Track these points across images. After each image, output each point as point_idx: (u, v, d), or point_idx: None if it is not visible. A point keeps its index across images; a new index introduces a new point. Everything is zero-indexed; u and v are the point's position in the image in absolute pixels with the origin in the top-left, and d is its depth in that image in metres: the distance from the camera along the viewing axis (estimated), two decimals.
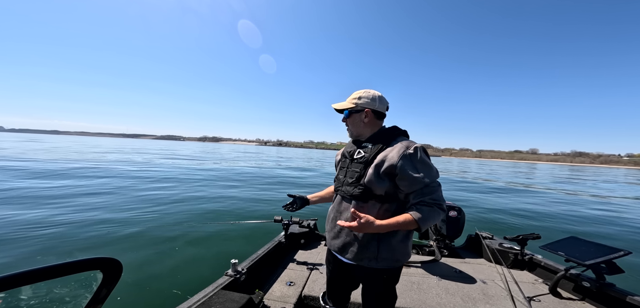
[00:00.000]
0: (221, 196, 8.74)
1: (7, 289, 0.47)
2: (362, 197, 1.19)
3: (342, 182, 1.31)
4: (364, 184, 1.18)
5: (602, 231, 6.59)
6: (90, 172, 12.20)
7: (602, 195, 11.07)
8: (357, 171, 1.23)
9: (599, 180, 23.19)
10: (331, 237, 1.33)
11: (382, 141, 1.22)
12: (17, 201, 6.50)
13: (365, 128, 1.30)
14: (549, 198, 10.32)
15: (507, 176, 20.48)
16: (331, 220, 1.35)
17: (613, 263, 1.94)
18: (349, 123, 1.34)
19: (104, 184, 9.46)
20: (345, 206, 1.27)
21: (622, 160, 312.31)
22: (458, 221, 3.12)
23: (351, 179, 1.24)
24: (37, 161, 14.85)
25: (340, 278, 1.41)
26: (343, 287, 1.44)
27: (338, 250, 1.28)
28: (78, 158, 18.74)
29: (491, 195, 10.70)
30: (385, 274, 1.23)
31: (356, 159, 1.26)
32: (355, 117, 1.30)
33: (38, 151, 23.50)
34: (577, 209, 9.22)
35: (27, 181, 9.00)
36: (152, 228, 5.20)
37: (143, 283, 3.20)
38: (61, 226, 4.94)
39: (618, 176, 42.56)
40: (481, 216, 7.41)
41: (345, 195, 1.27)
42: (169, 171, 14.36)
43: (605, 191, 12.06)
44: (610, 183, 17.85)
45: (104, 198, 7.50)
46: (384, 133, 1.27)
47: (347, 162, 1.32)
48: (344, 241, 1.25)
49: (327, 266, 1.47)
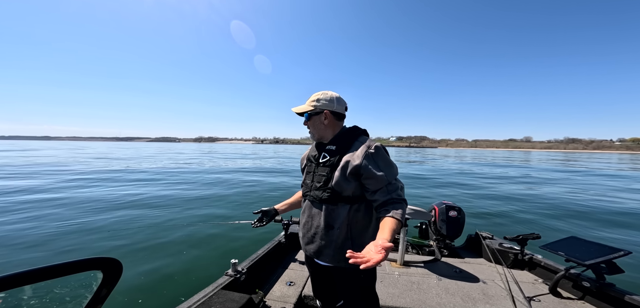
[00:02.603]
0: (221, 197, 8.74)
1: (7, 289, 0.47)
2: (331, 200, 1.20)
3: (309, 187, 1.31)
4: (332, 187, 1.19)
5: (602, 233, 6.60)
6: (92, 176, 12.20)
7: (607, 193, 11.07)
8: (324, 174, 1.23)
9: (594, 169, 23.00)
10: (305, 242, 1.33)
11: (344, 142, 1.24)
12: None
13: (325, 129, 1.30)
14: (549, 198, 10.33)
15: (505, 169, 20.48)
16: (303, 225, 1.34)
17: (613, 263, 1.94)
18: (309, 125, 1.32)
19: (105, 185, 9.47)
20: (315, 211, 1.27)
21: (614, 145, 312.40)
22: (458, 221, 3.11)
23: (319, 183, 1.24)
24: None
25: (322, 279, 1.43)
26: (327, 287, 1.46)
27: (314, 254, 1.29)
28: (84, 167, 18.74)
29: (491, 196, 10.71)
30: (362, 273, 1.24)
31: (322, 162, 1.27)
32: (315, 119, 1.30)
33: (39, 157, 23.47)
34: (577, 209, 9.21)
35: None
36: (152, 228, 5.20)
37: (143, 283, 3.20)
38: (61, 229, 4.94)
39: (611, 160, 42.46)
40: (481, 216, 7.41)
41: (314, 199, 1.27)
42: (166, 173, 14.37)
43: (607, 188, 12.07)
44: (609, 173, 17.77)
45: (104, 198, 7.50)
46: (345, 134, 1.29)
47: (313, 166, 1.32)
48: (319, 245, 1.25)
49: (309, 269, 1.50)
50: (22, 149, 27.76)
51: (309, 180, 1.33)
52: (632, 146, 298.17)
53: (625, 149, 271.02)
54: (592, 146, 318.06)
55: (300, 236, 1.38)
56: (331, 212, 1.21)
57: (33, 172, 12.96)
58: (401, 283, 2.30)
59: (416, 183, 13.33)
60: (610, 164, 31.45)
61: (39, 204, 6.82)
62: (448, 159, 39.25)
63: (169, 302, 2.81)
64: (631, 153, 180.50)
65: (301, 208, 1.43)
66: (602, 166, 27.58)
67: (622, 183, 14.14)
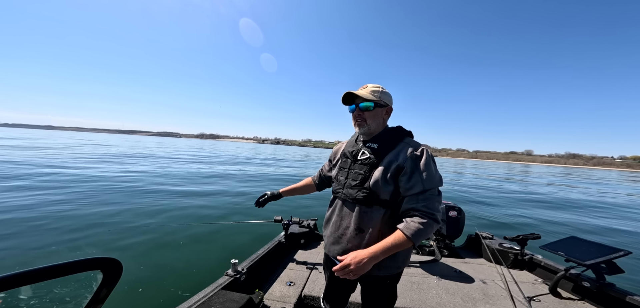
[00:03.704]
0: (220, 197, 8.74)
1: (7, 289, 0.47)
2: (366, 201, 1.12)
3: (343, 184, 1.22)
4: (369, 187, 1.10)
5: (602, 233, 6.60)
6: (91, 172, 12.19)
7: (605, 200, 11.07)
8: (361, 173, 1.14)
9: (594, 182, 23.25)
10: (331, 242, 1.25)
11: (389, 141, 1.15)
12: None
13: (382, 126, 1.20)
14: (549, 198, 10.34)
15: (504, 181, 20.51)
16: (331, 224, 1.27)
17: (613, 263, 1.94)
18: (368, 117, 1.16)
19: (102, 183, 9.46)
20: (346, 211, 1.19)
21: (615, 162, 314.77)
22: (458, 221, 3.11)
23: (354, 182, 1.16)
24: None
25: (340, 283, 1.36)
26: (342, 291, 1.41)
27: (337, 255, 1.22)
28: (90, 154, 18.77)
29: (491, 199, 10.72)
30: (388, 279, 1.19)
31: (361, 160, 1.17)
32: (377, 112, 1.16)
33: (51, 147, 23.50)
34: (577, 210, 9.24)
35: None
36: (152, 228, 5.20)
37: (143, 283, 3.20)
38: (60, 223, 4.94)
39: (611, 177, 42.81)
40: (481, 216, 7.41)
41: (347, 198, 1.18)
42: (166, 170, 14.36)
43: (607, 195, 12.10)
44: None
45: (103, 197, 7.50)
46: (391, 133, 1.18)
47: (348, 162, 1.23)
48: (345, 247, 1.17)
49: (325, 271, 1.43)
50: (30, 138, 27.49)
51: (343, 177, 1.23)
52: (632, 164, 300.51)
53: (625, 167, 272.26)
54: (592, 162, 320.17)
55: (327, 235, 1.29)
56: (364, 215, 1.12)
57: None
58: (401, 284, 2.30)
59: None
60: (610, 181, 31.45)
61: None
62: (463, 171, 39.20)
63: (169, 303, 2.81)
64: (631, 170, 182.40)
65: (331, 206, 1.32)
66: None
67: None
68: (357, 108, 1.17)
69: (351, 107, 1.20)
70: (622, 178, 36.18)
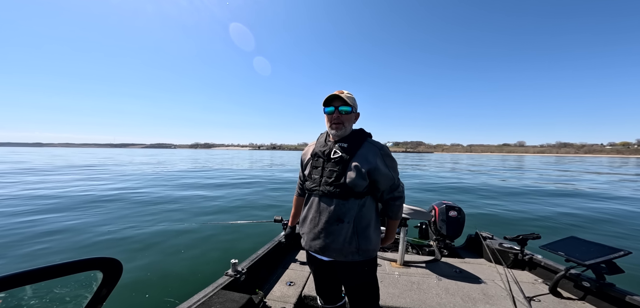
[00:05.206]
0: (221, 197, 8.74)
1: (7, 289, 0.47)
2: (343, 195, 1.24)
3: (318, 182, 1.31)
4: (345, 183, 1.23)
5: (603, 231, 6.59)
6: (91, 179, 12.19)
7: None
8: (335, 170, 1.26)
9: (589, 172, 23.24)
10: (310, 239, 1.33)
11: (356, 142, 1.30)
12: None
13: (350, 129, 1.35)
14: (549, 197, 10.34)
15: (502, 173, 20.49)
16: (309, 221, 1.33)
17: (613, 263, 1.94)
18: (345, 120, 1.29)
19: (105, 188, 9.46)
20: (324, 206, 1.28)
21: (605, 149, 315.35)
22: (458, 221, 3.11)
23: (330, 179, 1.26)
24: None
25: (325, 277, 1.44)
26: (331, 284, 1.46)
27: (318, 251, 1.30)
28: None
29: (491, 197, 10.71)
30: (366, 265, 1.30)
31: (333, 158, 1.28)
32: (351, 116, 1.33)
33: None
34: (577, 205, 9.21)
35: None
36: (152, 228, 5.20)
37: (143, 283, 3.20)
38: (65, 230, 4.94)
39: (602, 163, 42.70)
40: (481, 216, 7.40)
41: (324, 194, 1.28)
42: (166, 174, 14.37)
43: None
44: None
45: (104, 201, 7.50)
46: (356, 134, 1.35)
47: (321, 161, 1.33)
48: (324, 241, 1.27)
49: (310, 268, 1.50)
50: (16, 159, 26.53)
51: (317, 175, 1.32)
52: (621, 150, 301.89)
53: (615, 153, 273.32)
54: (583, 150, 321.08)
55: (305, 232, 1.36)
56: (342, 206, 1.24)
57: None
58: (401, 283, 2.30)
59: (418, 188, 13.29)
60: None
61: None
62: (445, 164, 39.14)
63: (169, 302, 2.81)
64: (621, 156, 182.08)
65: (307, 204, 1.38)
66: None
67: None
68: (336, 111, 1.29)
69: (330, 109, 1.30)
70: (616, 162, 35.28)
